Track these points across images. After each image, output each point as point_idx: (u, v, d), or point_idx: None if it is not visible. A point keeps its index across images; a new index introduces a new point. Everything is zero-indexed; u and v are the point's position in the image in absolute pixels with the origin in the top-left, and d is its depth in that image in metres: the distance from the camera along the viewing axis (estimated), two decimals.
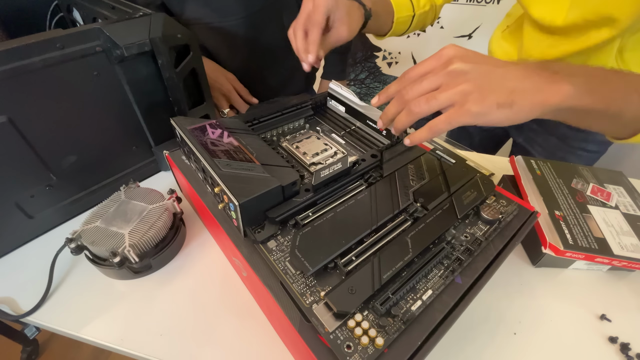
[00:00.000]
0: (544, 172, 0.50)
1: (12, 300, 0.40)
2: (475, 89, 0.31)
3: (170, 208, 0.44)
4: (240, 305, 0.39)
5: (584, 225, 0.42)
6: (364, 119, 0.48)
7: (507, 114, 0.31)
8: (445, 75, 0.33)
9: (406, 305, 0.28)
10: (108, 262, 0.39)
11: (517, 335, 0.37)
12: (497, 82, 0.31)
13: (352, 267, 0.30)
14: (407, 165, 0.42)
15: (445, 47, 0.35)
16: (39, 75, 0.39)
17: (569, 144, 0.66)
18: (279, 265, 0.31)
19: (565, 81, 0.31)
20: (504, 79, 0.32)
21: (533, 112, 0.31)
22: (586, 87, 0.31)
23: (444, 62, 0.34)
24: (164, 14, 0.47)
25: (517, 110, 0.31)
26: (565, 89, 0.30)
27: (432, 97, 0.33)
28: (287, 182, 0.34)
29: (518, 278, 0.43)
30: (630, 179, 0.52)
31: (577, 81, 0.31)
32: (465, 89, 0.31)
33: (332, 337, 0.26)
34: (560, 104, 0.31)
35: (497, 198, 0.39)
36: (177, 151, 0.45)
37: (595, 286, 0.43)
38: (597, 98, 0.31)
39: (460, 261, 0.32)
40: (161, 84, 0.50)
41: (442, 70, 0.33)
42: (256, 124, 0.47)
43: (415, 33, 1.53)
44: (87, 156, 0.47)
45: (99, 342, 0.37)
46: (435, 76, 0.33)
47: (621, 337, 0.37)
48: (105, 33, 0.41)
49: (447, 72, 0.33)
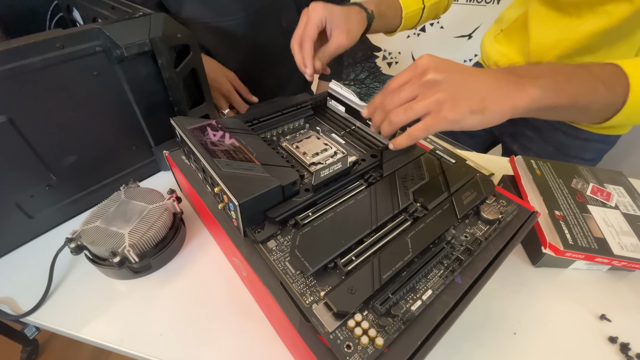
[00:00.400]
0: (544, 172, 0.50)
1: (12, 300, 0.40)
2: (449, 98, 0.33)
3: (170, 208, 0.44)
4: (240, 305, 0.39)
5: (583, 225, 0.42)
6: (363, 119, 0.48)
7: (480, 119, 0.33)
8: (420, 86, 0.35)
9: (406, 305, 0.28)
10: (108, 262, 0.39)
11: (517, 335, 0.37)
12: (469, 90, 0.33)
13: (352, 267, 0.30)
14: (407, 165, 0.42)
15: (420, 57, 0.36)
16: (39, 75, 0.39)
17: (565, 152, 0.66)
18: (278, 265, 0.31)
19: (531, 84, 0.33)
20: (475, 86, 0.34)
21: (504, 116, 0.33)
22: (552, 87, 0.33)
23: (419, 72, 0.35)
24: (164, 14, 0.47)
25: (489, 115, 0.33)
26: (531, 92, 0.33)
27: (409, 107, 0.35)
28: (287, 182, 0.34)
29: (518, 278, 0.43)
30: (630, 179, 0.52)
31: (543, 83, 0.33)
32: (439, 98, 0.33)
33: (332, 337, 0.26)
34: (528, 107, 0.33)
35: (497, 198, 0.39)
36: (177, 151, 0.45)
37: (595, 286, 0.43)
38: (564, 96, 0.33)
39: (460, 261, 0.32)
40: (161, 84, 0.50)
41: (418, 81, 0.35)
42: (256, 124, 0.47)
43: (415, 33, 1.53)
44: (87, 156, 0.47)
45: (98, 342, 0.37)
46: (411, 87, 0.35)
47: (621, 337, 0.37)
48: (105, 33, 0.41)
49: (423, 83, 0.35)
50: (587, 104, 0.35)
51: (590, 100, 0.34)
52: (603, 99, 0.35)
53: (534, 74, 0.34)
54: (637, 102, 0.34)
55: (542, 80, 0.33)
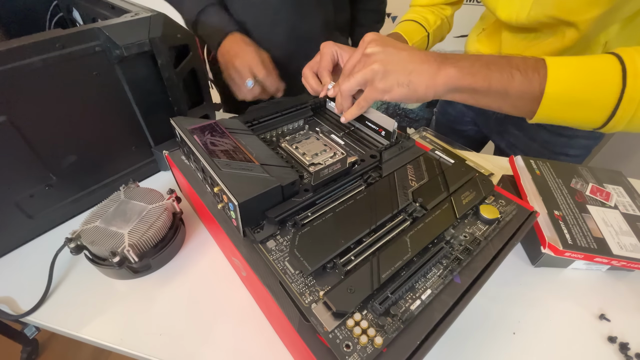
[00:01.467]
0: (543, 172, 0.50)
1: (11, 300, 0.40)
2: (382, 69, 0.38)
3: (170, 208, 0.44)
4: (239, 305, 0.39)
5: (583, 225, 0.43)
6: (363, 120, 0.48)
7: (405, 91, 0.38)
8: (362, 57, 0.41)
9: (405, 305, 0.28)
10: (107, 262, 0.39)
11: (516, 334, 0.37)
12: (399, 63, 0.38)
13: (351, 267, 0.30)
14: (406, 166, 0.42)
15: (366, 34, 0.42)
16: (39, 75, 0.39)
17: (551, 149, 0.67)
18: (278, 265, 0.32)
19: (451, 65, 0.37)
20: (406, 61, 0.38)
21: (427, 92, 0.38)
22: (469, 69, 0.37)
23: (364, 47, 0.41)
24: (164, 14, 0.47)
25: (413, 89, 0.38)
26: (449, 71, 0.37)
27: (351, 75, 0.41)
28: (287, 182, 0.34)
29: (517, 278, 0.43)
30: (629, 179, 0.52)
31: (461, 65, 0.37)
32: (374, 68, 0.38)
33: (331, 336, 0.26)
34: (446, 84, 0.37)
35: (496, 198, 0.39)
36: (176, 151, 0.46)
37: (595, 286, 0.43)
38: (479, 77, 0.37)
39: (459, 261, 0.32)
40: (161, 84, 0.50)
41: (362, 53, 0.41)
42: (256, 124, 0.47)
43: None
44: (86, 156, 0.47)
45: (98, 342, 0.37)
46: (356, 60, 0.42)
47: (620, 336, 0.37)
48: (104, 33, 0.41)
49: (364, 55, 0.40)
50: (503, 88, 0.36)
51: (505, 84, 0.36)
52: (519, 85, 0.36)
53: (457, 59, 0.38)
54: (556, 93, 0.35)
55: (461, 62, 0.37)
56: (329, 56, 0.49)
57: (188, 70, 0.53)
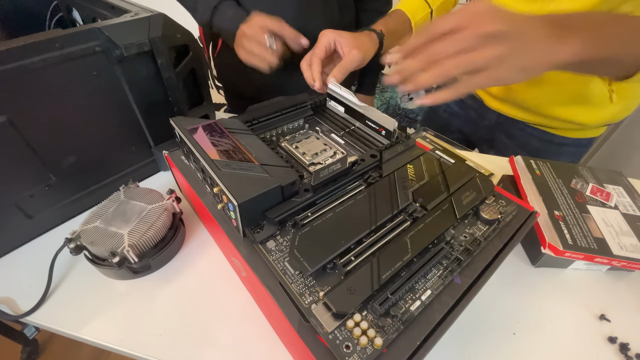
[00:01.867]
0: (543, 172, 0.50)
1: (11, 300, 0.40)
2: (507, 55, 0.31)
3: (170, 208, 0.44)
4: (239, 306, 0.39)
5: (583, 226, 0.42)
6: (363, 119, 0.48)
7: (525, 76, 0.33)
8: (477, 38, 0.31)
9: (405, 306, 0.28)
10: (107, 262, 0.39)
11: (516, 335, 0.37)
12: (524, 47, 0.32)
13: (351, 267, 0.30)
14: (406, 165, 0.42)
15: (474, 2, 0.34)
16: (39, 75, 0.39)
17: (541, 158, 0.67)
18: (278, 266, 0.31)
19: (573, 37, 0.33)
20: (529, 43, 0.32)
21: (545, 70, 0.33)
22: (593, 40, 0.33)
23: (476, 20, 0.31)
24: (164, 14, 0.47)
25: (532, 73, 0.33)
26: (573, 47, 0.32)
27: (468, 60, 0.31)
28: (287, 182, 0.34)
29: (517, 278, 0.43)
30: (629, 179, 0.52)
31: (584, 36, 0.33)
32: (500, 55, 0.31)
33: (331, 337, 0.26)
34: (567, 60, 0.33)
35: (496, 198, 0.39)
36: (176, 151, 0.45)
37: (595, 286, 0.43)
38: (603, 48, 0.33)
39: (460, 261, 0.32)
40: (161, 84, 0.50)
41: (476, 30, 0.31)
42: (255, 124, 0.47)
43: None
44: (86, 156, 0.47)
45: (98, 342, 0.37)
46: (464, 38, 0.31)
47: (620, 337, 0.37)
48: (104, 33, 0.41)
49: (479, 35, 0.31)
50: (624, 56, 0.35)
51: (628, 52, 0.35)
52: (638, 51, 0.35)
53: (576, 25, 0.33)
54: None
55: (584, 32, 0.33)
56: (323, 43, 0.48)
57: (188, 70, 0.53)
